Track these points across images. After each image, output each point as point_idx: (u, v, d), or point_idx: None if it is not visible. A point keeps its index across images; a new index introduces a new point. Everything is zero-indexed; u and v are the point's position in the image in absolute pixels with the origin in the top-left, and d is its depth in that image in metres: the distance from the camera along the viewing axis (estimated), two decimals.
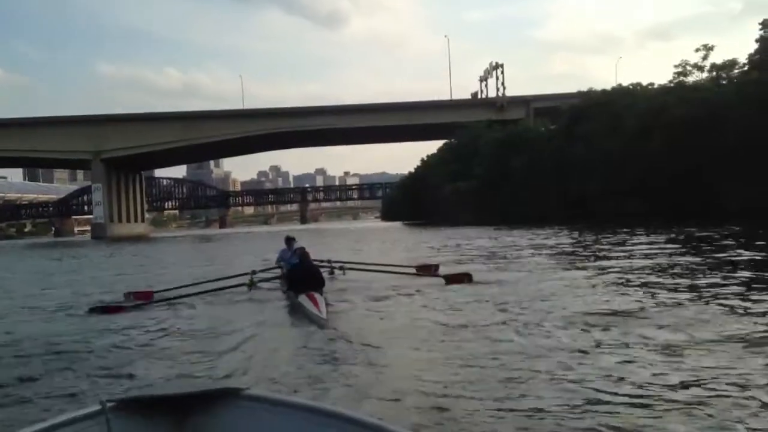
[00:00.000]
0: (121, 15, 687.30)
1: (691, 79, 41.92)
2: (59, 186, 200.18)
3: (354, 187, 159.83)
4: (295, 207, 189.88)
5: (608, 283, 10.83)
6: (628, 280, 11.11)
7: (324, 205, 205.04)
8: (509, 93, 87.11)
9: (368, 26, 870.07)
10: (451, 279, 12.17)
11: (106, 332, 8.41)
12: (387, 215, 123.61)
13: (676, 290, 9.63)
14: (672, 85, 42.61)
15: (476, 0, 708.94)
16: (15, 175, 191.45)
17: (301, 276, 10.20)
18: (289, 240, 14.14)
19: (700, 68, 41.47)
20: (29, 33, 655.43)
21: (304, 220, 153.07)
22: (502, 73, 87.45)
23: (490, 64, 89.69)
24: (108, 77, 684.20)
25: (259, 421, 1.98)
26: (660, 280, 11.10)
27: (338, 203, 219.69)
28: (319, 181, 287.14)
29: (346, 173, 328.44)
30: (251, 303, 11.06)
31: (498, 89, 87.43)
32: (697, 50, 41.39)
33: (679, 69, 42.19)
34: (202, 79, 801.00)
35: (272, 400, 2.07)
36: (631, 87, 46.13)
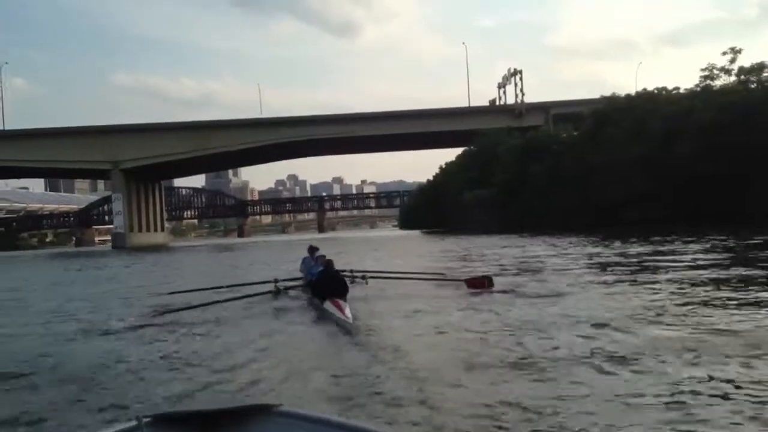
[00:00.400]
0: (137, 25, 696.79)
1: (718, 83, 40.91)
2: (80, 196, 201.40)
3: (371, 195, 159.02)
4: (312, 216, 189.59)
5: (677, 301, 9.26)
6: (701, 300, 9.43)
7: (341, 213, 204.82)
8: (526, 100, 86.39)
9: (381, 34, 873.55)
10: (473, 283, 12.32)
11: (135, 344, 8.39)
12: (405, 224, 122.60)
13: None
14: (699, 89, 41.57)
15: (488, 7, 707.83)
16: (36, 185, 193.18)
17: (325, 283, 10.45)
18: (312, 249, 14.25)
19: (728, 72, 40.47)
20: (47, 44, 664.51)
21: (321, 229, 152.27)
22: (521, 79, 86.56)
23: (509, 70, 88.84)
24: (124, 87, 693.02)
25: None
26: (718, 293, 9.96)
27: (355, 212, 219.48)
28: (336, 190, 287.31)
29: (363, 181, 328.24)
30: (278, 311, 11.12)
31: (517, 96, 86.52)
32: (724, 53, 40.45)
33: (706, 73, 41.20)
34: (217, 88, 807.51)
35: (306, 417, 2.03)
36: (655, 92, 45.16)
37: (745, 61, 40.23)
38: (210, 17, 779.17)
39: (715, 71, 40.83)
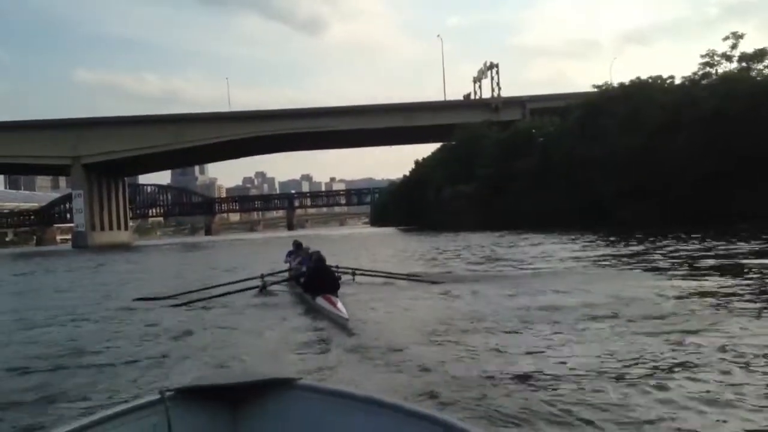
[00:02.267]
0: (99, 21, 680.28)
1: (717, 70, 38.41)
2: (41, 194, 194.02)
3: (342, 192, 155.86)
4: (281, 213, 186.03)
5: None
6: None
7: (310, 211, 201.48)
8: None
9: (348, 32, 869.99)
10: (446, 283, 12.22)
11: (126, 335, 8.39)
12: (376, 221, 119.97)
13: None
14: (698, 77, 39.01)
15: (456, 6, 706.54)
16: None
17: (317, 279, 10.23)
18: (298, 244, 14.40)
19: (729, 58, 38.01)
20: (4, 38, 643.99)
21: (291, 227, 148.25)
22: (497, 73, 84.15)
23: (485, 64, 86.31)
24: (86, 83, 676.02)
25: (312, 411, 2.00)
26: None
27: (324, 209, 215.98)
28: (305, 187, 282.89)
29: (332, 179, 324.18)
30: (267, 306, 10.97)
31: (493, 90, 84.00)
32: (726, 39, 37.94)
33: (706, 59, 38.66)
34: (181, 84, 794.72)
35: (326, 391, 2.06)
36: (650, 80, 42.54)
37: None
38: (173, 14, 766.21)
39: (716, 57, 38.32)
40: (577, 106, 45.95)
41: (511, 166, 48.98)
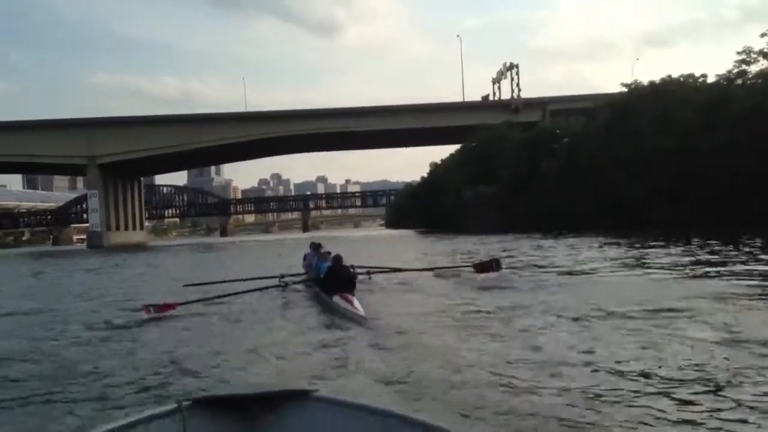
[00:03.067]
0: (116, 24, 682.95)
1: (754, 68, 36.49)
2: (58, 194, 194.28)
3: (357, 194, 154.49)
4: (296, 215, 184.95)
5: None
6: None
7: (324, 213, 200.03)
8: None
9: (363, 34, 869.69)
10: (481, 267, 12.52)
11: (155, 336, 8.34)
12: (393, 223, 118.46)
13: None
14: (733, 75, 37.07)
15: (472, 8, 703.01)
16: (14, 183, 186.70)
17: (334, 278, 10.36)
18: (316, 245, 14.27)
19: (766, 55, 36.04)
20: (23, 41, 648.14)
21: (306, 228, 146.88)
22: (517, 74, 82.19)
23: (504, 64, 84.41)
24: (103, 86, 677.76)
25: (327, 423, 1.98)
26: None
27: (339, 211, 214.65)
28: (320, 189, 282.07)
29: (348, 181, 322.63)
30: (285, 305, 11.11)
31: (513, 91, 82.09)
32: (763, 35, 36.00)
33: (743, 57, 36.71)
34: (198, 87, 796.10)
35: (340, 403, 2.05)
36: (681, 79, 40.69)
37: (726, 64, 36.69)
38: (190, 17, 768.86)
39: (753, 54, 36.34)
40: (605, 105, 44.09)
41: (535, 167, 47.26)
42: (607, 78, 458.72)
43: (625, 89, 43.38)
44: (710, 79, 40.08)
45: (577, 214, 41.63)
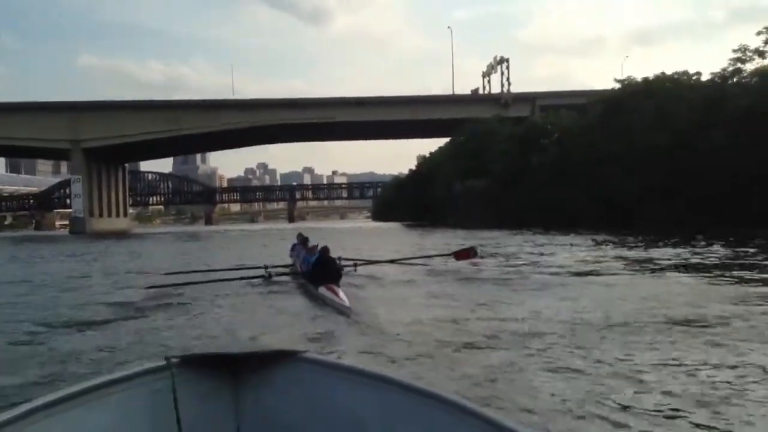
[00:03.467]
0: (104, 6, 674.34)
1: (749, 66, 36.02)
2: (41, 178, 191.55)
3: (344, 186, 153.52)
4: (282, 205, 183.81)
5: None
6: None
7: (311, 203, 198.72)
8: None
9: (354, 23, 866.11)
10: (459, 255, 13.33)
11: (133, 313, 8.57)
12: (379, 215, 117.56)
13: None
14: (728, 72, 36.58)
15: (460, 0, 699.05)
16: None
17: (321, 269, 10.37)
18: (303, 237, 14.53)
19: (762, 54, 35.58)
20: (9, 22, 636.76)
21: (291, 219, 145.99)
22: (508, 68, 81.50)
23: (494, 58, 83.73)
24: (89, 69, 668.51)
25: (315, 384, 2.01)
26: None
27: (325, 202, 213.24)
28: (307, 180, 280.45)
29: (334, 172, 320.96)
30: (271, 294, 11.02)
31: (503, 85, 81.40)
32: (759, 33, 35.52)
33: (738, 55, 36.23)
34: (186, 72, 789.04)
35: (329, 364, 2.07)
36: (675, 76, 40.13)
37: (713, 65, 36.30)
38: (180, 2, 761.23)
39: (749, 53, 35.87)
40: (597, 101, 43.44)
41: (526, 162, 46.61)
42: (593, 75, 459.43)
43: (618, 85, 42.74)
44: (704, 77, 39.62)
45: (569, 210, 41.09)
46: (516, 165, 47.40)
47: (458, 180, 55.47)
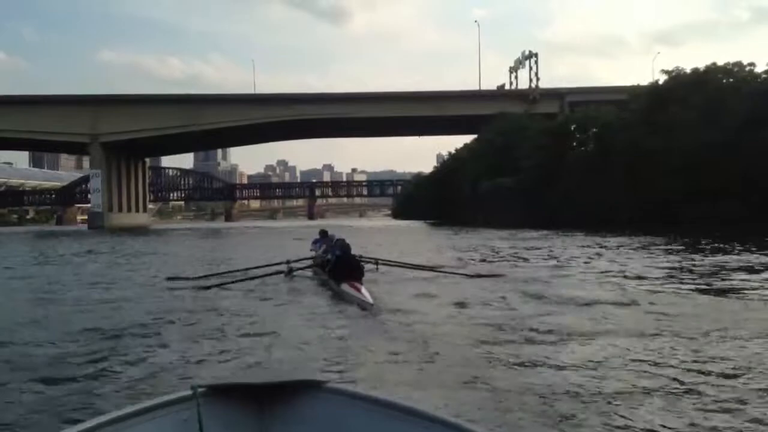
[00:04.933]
0: (126, 2, 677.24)
1: None
2: (64, 173, 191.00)
3: (363, 183, 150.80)
4: (301, 202, 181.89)
5: None
6: None
7: (330, 201, 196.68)
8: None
9: (372, 22, 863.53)
10: (484, 278, 12.11)
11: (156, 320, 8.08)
12: (399, 213, 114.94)
13: None
14: None
15: None
16: (20, 161, 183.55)
17: (343, 266, 10.31)
18: (324, 233, 14.40)
19: None
20: (30, 16, 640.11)
21: (311, 216, 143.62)
22: (536, 63, 78.30)
23: (522, 53, 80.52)
24: (109, 65, 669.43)
25: (339, 415, 2.00)
26: None
27: (345, 200, 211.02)
28: (326, 177, 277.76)
29: (354, 170, 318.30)
30: (294, 290, 11.03)
31: (531, 80, 78.25)
32: None
33: None
34: (204, 69, 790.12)
35: (353, 394, 2.05)
36: (729, 66, 36.94)
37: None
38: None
39: None
40: (641, 94, 40.26)
41: (561, 159, 43.61)
42: (615, 75, 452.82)
43: (663, 77, 39.52)
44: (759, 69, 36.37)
45: (606, 209, 38.14)
46: (550, 162, 44.37)
47: (485, 178, 52.53)
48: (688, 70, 38.04)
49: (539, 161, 45.32)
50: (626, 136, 37.96)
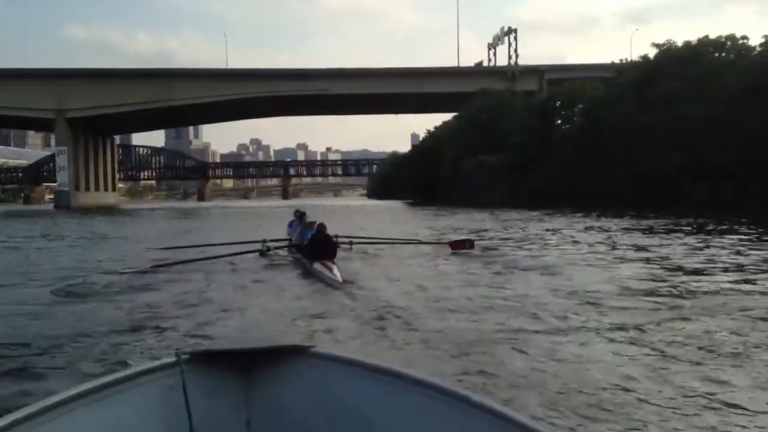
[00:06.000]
0: None
1: None
2: (31, 151, 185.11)
3: (338, 162, 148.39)
4: (275, 182, 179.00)
5: None
6: None
7: (304, 180, 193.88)
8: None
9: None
10: (455, 245, 12.83)
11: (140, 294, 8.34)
12: (375, 193, 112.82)
13: None
14: None
15: None
16: None
17: (316, 245, 10.49)
18: (300, 213, 14.07)
19: None
20: None
21: (285, 196, 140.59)
22: (515, 39, 76.50)
23: (501, 29, 78.65)
24: (76, 40, 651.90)
25: (326, 379, 1.99)
26: None
27: (319, 179, 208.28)
28: (301, 156, 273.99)
29: (329, 149, 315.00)
30: (268, 268, 11.24)
31: (510, 57, 76.38)
32: None
33: None
34: (175, 45, 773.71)
35: (340, 359, 2.03)
36: (723, 39, 35.34)
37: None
38: None
39: None
40: (632, 68, 38.48)
41: (547, 136, 41.84)
42: (588, 53, 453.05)
43: (654, 51, 37.72)
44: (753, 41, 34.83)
45: (597, 187, 36.58)
46: (535, 139, 42.58)
47: (467, 156, 50.64)
48: (679, 44, 36.35)
49: (524, 138, 43.49)
50: (617, 111, 36.22)
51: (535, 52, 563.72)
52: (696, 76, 32.88)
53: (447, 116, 79.60)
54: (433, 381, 1.77)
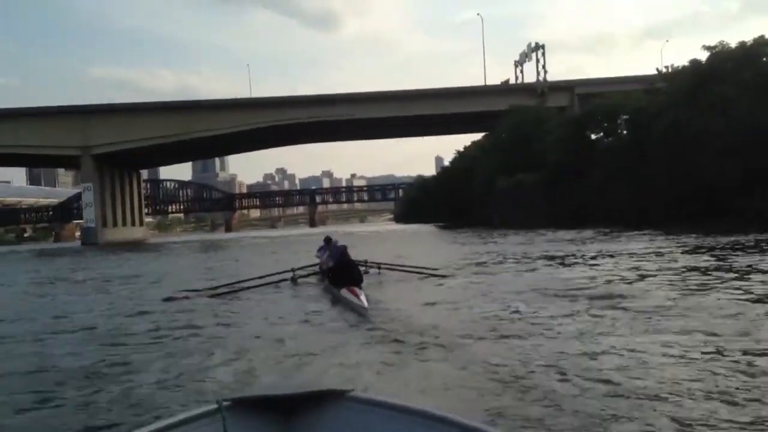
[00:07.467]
0: (113, 16, 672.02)
1: None
2: (61, 189, 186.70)
3: (364, 188, 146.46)
4: (302, 210, 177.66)
5: None
6: None
7: (330, 207, 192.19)
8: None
9: (362, 28, 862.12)
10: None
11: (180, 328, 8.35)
12: (402, 217, 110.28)
13: None
14: None
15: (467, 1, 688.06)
16: (17, 179, 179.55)
17: (341, 272, 10.68)
18: (328, 239, 14.28)
19: None
20: (14, 31, 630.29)
21: (313, 223, 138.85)
22: (543, 55, 73.78)
23: (528, 45, 76.08)
24: (98, 79, 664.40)
25: (364, 423, 1.98)
26: None
27: (345, 206, 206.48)
28: (326, 183, 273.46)
29: (353, 175, 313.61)
30: (296, 297, 11.50)
31: (538, 73, 73.81)
32: None
33: None
34: (196, 82, 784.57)
35: (377, 402, 2.04)
36: None
37: None
38: (189, 10, 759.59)
39: None
40: (681, 74, 35.54)
41: (587, 150, 39.05)
42: (607, 71, 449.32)
43: (705, 54, 34.80)
44: None
45: (647, 203, 33.68)
46: (574, 154, 39.81)
47: (502, 174, 48.00)
48: (733, 45, 33.48)
49: (563, 154, 40.73)
50: (666, 121, 33.34)
51: (555, 71, 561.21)
52: (753, 77, 29.98)
53: (472, 137, 77.47)
54: (472, 424, 1.70)
